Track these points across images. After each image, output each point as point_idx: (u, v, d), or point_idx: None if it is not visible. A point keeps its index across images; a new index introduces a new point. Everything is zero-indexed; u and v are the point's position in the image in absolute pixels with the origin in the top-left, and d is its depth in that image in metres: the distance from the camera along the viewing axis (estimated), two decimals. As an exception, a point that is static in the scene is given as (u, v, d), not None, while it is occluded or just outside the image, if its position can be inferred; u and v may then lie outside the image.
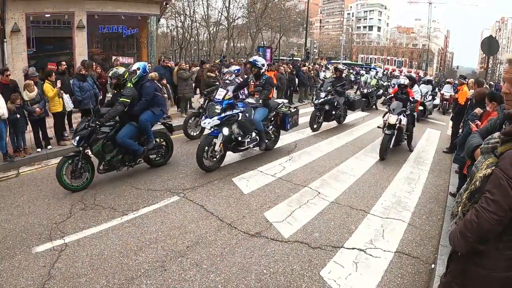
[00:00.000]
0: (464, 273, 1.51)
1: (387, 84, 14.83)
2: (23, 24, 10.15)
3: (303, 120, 7.78)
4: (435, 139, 8.19)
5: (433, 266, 2.90)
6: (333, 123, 8.50)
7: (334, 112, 7.87)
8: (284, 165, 5.34)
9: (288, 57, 39.25)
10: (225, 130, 4.83)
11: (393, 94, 6.78)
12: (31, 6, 10.24)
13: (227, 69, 7.28)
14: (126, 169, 4.75)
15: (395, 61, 57.70)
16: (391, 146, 5.97)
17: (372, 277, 2.74)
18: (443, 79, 25.32)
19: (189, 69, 9.57)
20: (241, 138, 5.11)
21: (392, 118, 5.83)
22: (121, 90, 4.62)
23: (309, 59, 24.90)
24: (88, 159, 4.33)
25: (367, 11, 61.95)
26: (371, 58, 58.47)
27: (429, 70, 52.93)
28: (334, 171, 5.24)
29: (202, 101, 6.90)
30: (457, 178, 4.48)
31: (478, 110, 3.85)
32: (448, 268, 1.69)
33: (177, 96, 8.87)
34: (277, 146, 6.33)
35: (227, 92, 5.00)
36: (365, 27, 62.80)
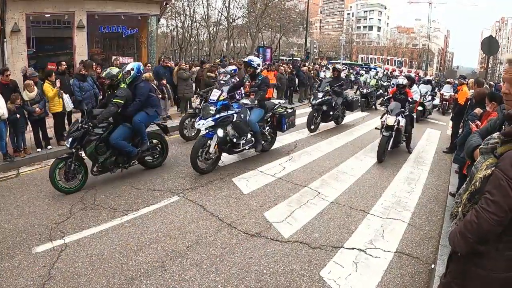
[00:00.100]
0: (464, 273, 1.52)
1: (387, 84, 14.84)
2: (23, 24, 10.14)
3: (303, 120, 7.79)
4: (435, 139, 8.19)
5: (433, 266, 2.90)
6: (331, 123, 8.42)
7: (332, 112, 7.77)
8: (284, 165, 5.34)
9: (288, 57, 39.25)
10: (220, 132, 4.76)
11: (391, 94, 6.65)
12: (31, 6, 10.23)
13: (223, 69, 7.13)
14: (120, 171, 4.71)
15: (395, 61, 57.70)
16: (389, 148, 5.86)
17: (372, 277, 2.74)
18: (443, 79, 25.33)
19: (189, 69, 9.57)
20: (236, 139, 5.04)
21: (390, 119, 5.71)
22: (114, 91, 4.55)
23: (309, 59, 24.89)
24: (81, 160, 4.27)
25: (367, 11, 61.95)
26: (371, 58, 58.47)
27: (429, 70, 52.93)
28: (334, 171, 5.24)
29: (198, 101, 6.71)
30: (457, 178, 4.48)
31: (478, 110, 3.85)
32: (448, 268, 1.69)
33: (177, 96, 8.87)
34: (277, 146, 6.33)
35: (222, 92, 4.93)
36: (365, 27, 62.81)
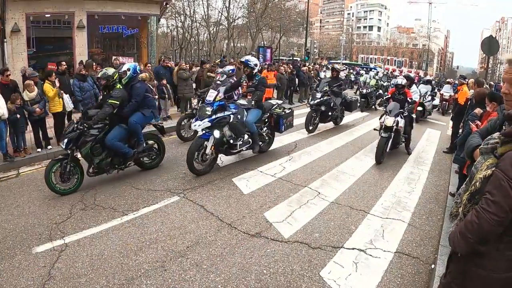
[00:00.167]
0: (464, 274, 1.51)
1: (387, 85, 14.82)
2: (23, 24, 10.16)
3: (303, 120, 7.77)
4: (435, 139, 8.19)
5: (433, 266, 2.90)
6: (330, 124, 8.37)
7: (330, 113, 7.70)
8: (284, 165, 5.34)
9: (288, 57, 39.23)
10: (216, 133, 4.71)
11: (390, 95, 6.52)
12: (31, 6, 10.25)
13: (221, 69, 7.03)
14: (117, 172, 4.67)
15: (395, 61, 57.68)
16: (387, 149, 5.76)
17: (372, 277, 2.74)
18: (443, 79, 25.33)
19: (189, 69, 9.57)
20: (233, 140, 4.99)
21: (388, 120, 5.58)
22: (110, 92, 4.52)
23: (309, 59, 24.86)
24: (77, 162, 4.24)
25: (367, 11, 61.92)
26: (371, 58, 58.45)
27: (429, 70, 52.91)
28: (334, 171, 5.24)
29: (195, 101, 6.62)
30: (457, 178, 4.48)
31: (478, 110, 3.85)
32: (448, 268, 1.68)
33: (177, 96, 8.88)
34: (277, 146, 6.33)
35: (218, 93, 4.88)
36: (365, 27, 62.78)
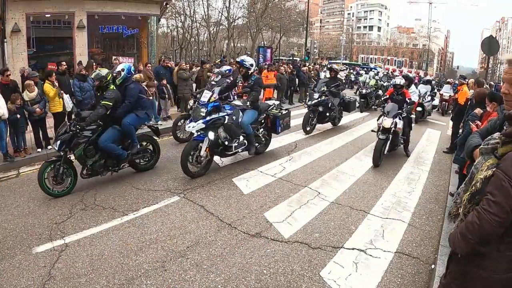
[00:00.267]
0: (464, 274, 1.51)
1: (387, 85, 14.79)
2: (23, 24, 10.14)
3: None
4: (435, 139, 8.19)
5: (433, 266, 2.90)
6: (328, 125, 8.31)
7: (328, 113, 7.60)
8: (284, 165, 5.34)
9: (288, 57, 39.22)
10: (211, 135, 4.63)
11: (388, 95, 6.39)
12: (31, 6, 10.23)
13: (217, 70, 6.93)
14: (111, 174, 4.62)
15: (395, 61, 57.70)
16: (385, 151, 5.61)
17: (372, 277, 2.74)
18: (443, 79, 25.32)
19: (189, 69, 9.57)
20: (228, 142, 4.90)
21: (386, 122, 5.43)
22: (103, 93, 4.45)
23: (309, 59, 24.86)
24: (70, 164, 4.19)
25: (367, 11, 61.94)
26: (371, 58, 58.46)
27: (429, 70, 52.93)
28: (334, 171, 5.24)
29: (192, 102, 6.54)
30: (457, 178, 4.48)
31: (478, 111, 3.85)
32: (448, 269, 1.68)
33: (177, 96, 8.88)
34: (277, 146, 6.33)
35: (213, 94, 4.81)
36: (365, 27, 62.79)
